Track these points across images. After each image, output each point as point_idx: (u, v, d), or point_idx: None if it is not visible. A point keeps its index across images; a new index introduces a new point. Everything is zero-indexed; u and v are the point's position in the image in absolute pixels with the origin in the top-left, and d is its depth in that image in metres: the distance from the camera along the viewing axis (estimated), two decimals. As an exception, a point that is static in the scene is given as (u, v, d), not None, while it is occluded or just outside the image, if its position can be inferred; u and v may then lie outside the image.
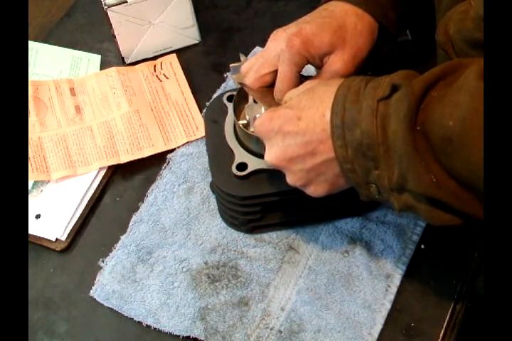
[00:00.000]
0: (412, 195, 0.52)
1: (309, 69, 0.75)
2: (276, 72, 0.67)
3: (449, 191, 0.50)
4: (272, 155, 0.60)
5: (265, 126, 0.59)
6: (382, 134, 0.51)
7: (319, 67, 0.68)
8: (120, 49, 0.94)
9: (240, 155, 0.72)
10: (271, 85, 0.68)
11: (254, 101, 0.71)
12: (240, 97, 0.73)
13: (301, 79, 0.67)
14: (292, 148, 0.58)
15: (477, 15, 0.54)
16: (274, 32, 0.69)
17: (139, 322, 0.73)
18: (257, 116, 0.70)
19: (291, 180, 0.61)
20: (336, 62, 0.66)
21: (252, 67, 0.68)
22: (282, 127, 0.58)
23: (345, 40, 0.66)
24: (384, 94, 0.51)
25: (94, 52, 0.99)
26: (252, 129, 0.70)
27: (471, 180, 0.48)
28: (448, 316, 0.72)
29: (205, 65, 0.96)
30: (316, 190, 0.61)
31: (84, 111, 0.91)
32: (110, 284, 0.76)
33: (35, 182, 0.84)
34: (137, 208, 0.82)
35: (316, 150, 0.56)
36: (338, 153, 0.54)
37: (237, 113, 0.73)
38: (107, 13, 0.88)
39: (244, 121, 0.71)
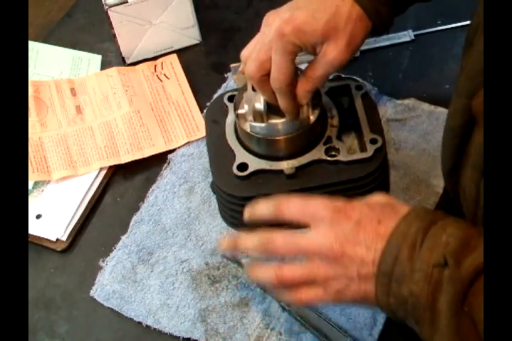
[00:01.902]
0: None
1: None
2: None
3: None
4: (321, 240, 0.55)
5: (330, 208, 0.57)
6: (432, 301, 0.49)
7: (313, 54, 0.66)
8: (121, 49, 0.94)
9: (241, 156, 0.72)
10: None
11: (253, 90, 0.69)
12: (240, 97, 0.73)
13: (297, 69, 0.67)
14: (350, 239, 0.54)
15: None
16: (267, 15, 0.66)
17: (139, 322, 0.73)
18: (256, 105, 0.68)
19: (326, 275, 0.55)
20: (331, 53, 0.64)
21: (251, 54, 0.66)
22: (350, 214, 0.55)
23: (339, 28, 0.63)
24: (439, 262, 0.49)
25: (94, 53, 0.98)
26: (250, 118, 0.69)
27: None
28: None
29: (205, 65, 0.96)
30: (345, 295, 0.56)
31: (84, 112, 0.91)
32: (110, 284, 0.76)
33: (36, 183, 0.84)
34: (138, 208, 0.82)
35: (356, 274, 0.54)
36: (379, 297, 0.53)
37: (237, 102, 0.72)
38: (107, 13, 0.88)
39: (243, 111, 0.70)
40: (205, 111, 0.86)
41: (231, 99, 0.76)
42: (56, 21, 1.04)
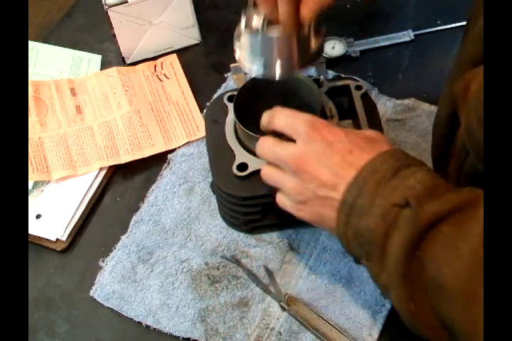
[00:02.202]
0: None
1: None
2: None
3: (425, 323, 0.50)
4: (290, 152, 0.58)
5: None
6: (384, 239, 0.51)
7: None
8: (121, 49, 0.94)
9: (241, 156, 0.72)
10: None
11: (254, 5, 0.64)
12: (240, 97, 0.73)
13: None
14: (317, 159, 0.57)
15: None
16: None
17: (139, 322, 0.73)
18: (254, 23, 0.63)
19: (290, 186, 0.59)
20: None
21: None
22: (326, 135, 0.57)
23: None
24: (398, 202, 0.50)
25: (94, 52, 0.98)
26: (244, 34, 0.64)
27: (452, 326, 0.47)
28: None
29: (205, 65, 0.96)
30: (303, 210, 0.59)
31: (84, 111, 0.91)
32: (110, 284, 0.76)
33: (36, 183, 0.84)
34: (138, 208, 0.82)
35: (313, 193, 0.56)
36: (340, 226, 0.54)
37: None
38: (107, 13, 0.88)
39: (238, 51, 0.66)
40: (205, 111, 0.86)
41: (231, 99, 0.76)
42: (56, 21, 1.04)
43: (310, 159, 0.57)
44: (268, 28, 0.63)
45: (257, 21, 0.63)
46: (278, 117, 0.62)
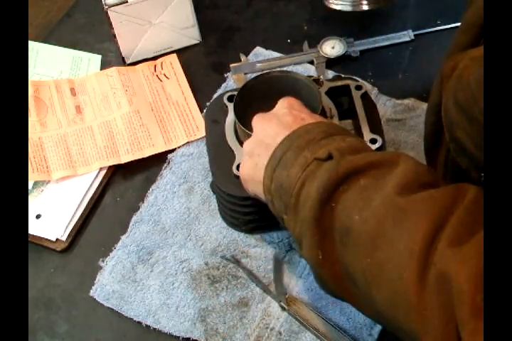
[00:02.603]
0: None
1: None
2: None
3: (331, 273, 0.51)
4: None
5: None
6: (299, 189, 0.52)
7: None
8: (120, 49, 0.94)
9: (240, 155, 0.72)
10: None
11: None
12: (240, 97, 0.73)
13: None
14: (273, 117, 0.62)
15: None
16: None
17: (138, 322, 0.73)
18: None
19: (247, 142, 0.64)
20: None
21: None
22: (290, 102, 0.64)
23: None
24: (321, 156, 0.52)
25: (94, 52, 0.98)
26: None
27: (354, 275, 0.49)
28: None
29: (205, 65, 0.96)
30: (246, 164, 0.63)
31: (84, 111, 0.91)
32: (110, 284, 0.76)
33: (36, 182, 0.84)
34: (137, 208, 0.82)
35: (269, 142, 0.59)
36: (265, 180, 0.57)
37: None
38: (107, 13, 0.88)
39: None
40: (204, 111, 0.86)
41: (231, 98, 0.76)
42: (56, 21, 1.04)
43: (267, 117, 0.62)
44: None
45: None
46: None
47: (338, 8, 0.90)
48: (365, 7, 0.87)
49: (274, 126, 0.60)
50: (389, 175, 0.49)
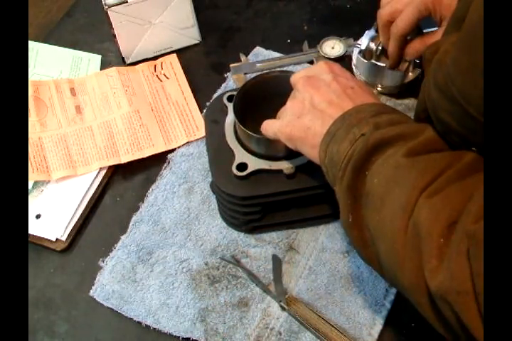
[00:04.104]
0: None
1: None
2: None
3: (358, 235, 0.55)
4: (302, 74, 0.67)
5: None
6: (347, 161, 0.55)
7: (438, 24, 0.74)
8: (120, 49, 0.94)
9: (240, 155, 0.72)
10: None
11: (376, 31, 0.82)
12: (240, 97, 0.73)
13: (420, 32, 0.76)
14: (323, 83, 0.64)
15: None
16: None
17: (138, 322, 0.73)
18: (371, 44, 0.83)
19: (292, 103, 0.65)
20: None
21: (391, 2, 0.76)
22: (333, 68, 0.66)
23: None
24: (366, 132, 0.56)
25: (94, 52, 0.99)
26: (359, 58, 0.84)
27: (374, 237, 0.52)
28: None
29: (205, 64, 0.96)
30: (292, 124, 0.64)
31: (84, 111, 0.91)
32: (110, 284, 0.76)
33: (36, 182, 0.84)
34: (137, 208, 0.82)
35: (327, 110, 0.62)
36: (320, 154, 0.60)
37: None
38: (107, 13, 0.88)
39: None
40: (204, 111, 0.86)
41: (230, 99, 0.76)
42: (56, 21, 1.04)
43: (317, 82, 0.64)
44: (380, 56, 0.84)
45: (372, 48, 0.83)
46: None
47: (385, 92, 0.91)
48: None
49: (325, 93, 0.62)
50: (407, 144, 0.53)
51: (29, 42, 0.99)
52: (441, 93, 0.50)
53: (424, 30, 0.77)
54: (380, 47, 0.82)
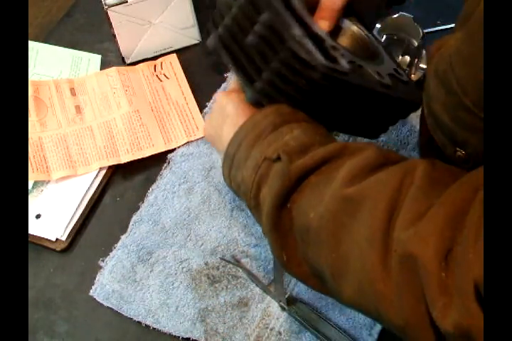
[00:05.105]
0: None
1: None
2: None
3: (298, 271, 0.52)
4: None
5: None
6: (256, 190, 0.52)
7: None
8: (120, 49, 0.94)
9: None
10: None
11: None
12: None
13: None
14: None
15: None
16: None
17: (138, 322, 0.73)
18: None
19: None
20: None
21: None
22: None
23: None
24: (271, 156, 0.52)
25: (94, 52, 0.99)
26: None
27: (321, 271, 0.49)
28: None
29: (205, 65, 0.96)
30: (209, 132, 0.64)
31: (84, 111, 0.91)
32: (110, 284, 0.76)
33: (36, 182, 0.84)
34: (137, 208, 0.82)
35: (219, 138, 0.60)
36: (225, 178, 0.58)
37: None
38: (107, 13, 0.88)
39: None
40: (204, 111, 0.86)
41: None
42: (56, 21, 1.04)
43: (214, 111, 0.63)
44: None
45: None
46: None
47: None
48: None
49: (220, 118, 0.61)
50: (338, 168, 0.49)
51: (29, 42, 0.99)
52: (440, 82, 0.49)
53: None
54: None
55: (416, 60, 0.85)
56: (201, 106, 0.90)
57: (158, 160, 0.86)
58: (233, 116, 0.59)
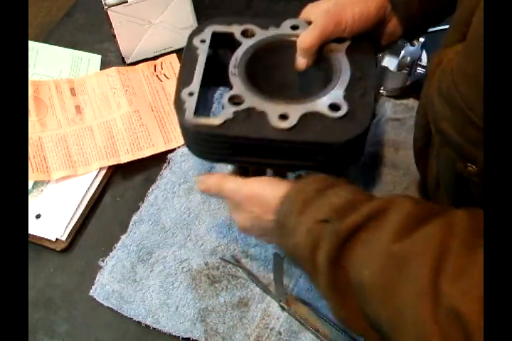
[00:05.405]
0: None
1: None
2: None
3: (358, 326, 0.53)
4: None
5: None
6: (311, 253, 0.54)
7: None
8: (120, 49, 0.94)
9: None
10: None
11: None
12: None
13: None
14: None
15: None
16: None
17: (138, 322, 0.73)
18: None
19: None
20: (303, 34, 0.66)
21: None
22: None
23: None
24: (321, 218, 0.53)
25: (94, 52, 0.99)
26: None
27: (379, 324, 0.50)
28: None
29: (205, 65, 0.96)
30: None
31: (84, 111, 0.91)
32: (110, 284, 0.76)
33: (36, 182, 0.84)
34: (137, 208, 0.82)
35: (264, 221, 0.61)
36: (280, 247, 0.59)
37: None
38: (107, 13, 0.88)
39: None
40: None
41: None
42: (56, 21, 1.04)
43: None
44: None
45: None
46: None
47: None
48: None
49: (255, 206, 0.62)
50: (385, 223, 0.50)
51: (29, 42, 0.99)
52: (444, 100, 0.49)
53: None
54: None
55: (416, 60, 0.85)
56: (201, 106, 0.90)
57: (158, 160, 0.86)
58: (257, 194, 0.61)
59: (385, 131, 0.85)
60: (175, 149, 0.86)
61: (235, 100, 0.63)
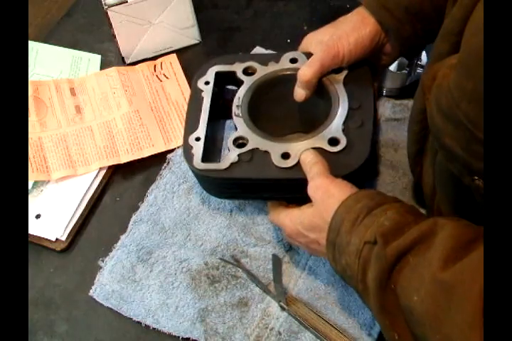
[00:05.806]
0: None
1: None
2: None
3: None
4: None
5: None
6: (362, 274, 0.54)
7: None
8: (120, 49, 0.94)
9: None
10: None
11: None
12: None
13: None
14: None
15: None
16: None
17: (138, 322, 0.73)
18: None
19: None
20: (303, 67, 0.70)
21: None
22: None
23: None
24: (369, 239, 0.54)
25: (94, 52, 0.99)
26: None
27: None
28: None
29: (205, 65, 0.96)
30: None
31: (84, 111, 0.91)
32: (110, 284, 0.76)
33: (35, 182, 0.84)
34: (137, 208, 0.82)
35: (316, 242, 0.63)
36: (330, 263, 0.60)
37: None
38: (107, 13, 0.88)
39: None
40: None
41: None
42: (56, 21, 1.04)
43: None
44: None
45: None
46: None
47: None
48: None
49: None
50: (432, 248, 0.50)
51: (29, 42, 0.99)
52: (446, 118, 0.49)
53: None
54: None
55: (416, 60, 0.85)
56: (201, 106, 0.90)
57: (158, 160, 0.86)
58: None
59: (384, 131, 0.85)
60: (174, 149, 0.86)
61: (239, 141, 0.68)
